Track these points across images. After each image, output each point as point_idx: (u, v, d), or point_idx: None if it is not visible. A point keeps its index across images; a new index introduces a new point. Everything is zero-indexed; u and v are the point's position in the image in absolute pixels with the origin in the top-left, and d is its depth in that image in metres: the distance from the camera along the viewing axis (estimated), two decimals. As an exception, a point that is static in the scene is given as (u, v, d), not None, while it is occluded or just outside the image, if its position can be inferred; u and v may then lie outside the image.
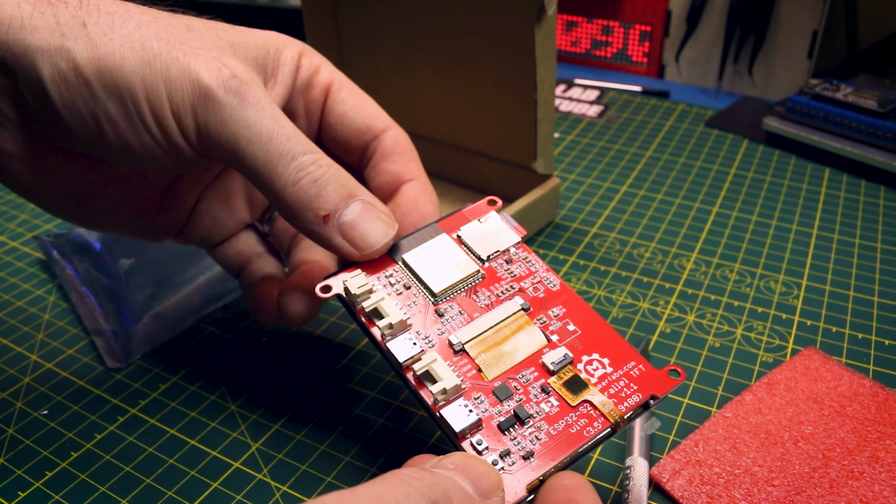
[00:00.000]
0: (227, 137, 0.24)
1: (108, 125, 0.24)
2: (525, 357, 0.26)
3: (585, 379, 0.25)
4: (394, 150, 0.30)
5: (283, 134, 0.25)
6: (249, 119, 0.24)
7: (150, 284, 0.39)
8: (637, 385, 0.25)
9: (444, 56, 0.47)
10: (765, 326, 0.39)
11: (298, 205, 0.25)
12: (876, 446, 0.31)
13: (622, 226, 0.48)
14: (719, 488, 0.29)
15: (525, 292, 0.28)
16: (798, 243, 0.46)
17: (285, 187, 0.25)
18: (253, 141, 0.24)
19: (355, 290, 0.26)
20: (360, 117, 0.30)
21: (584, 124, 0.62)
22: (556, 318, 0.27)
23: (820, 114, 0.53)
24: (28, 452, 0.32)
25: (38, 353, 0.38)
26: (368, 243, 0.26)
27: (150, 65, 0.24)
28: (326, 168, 0.26)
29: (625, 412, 0.24)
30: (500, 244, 0.29)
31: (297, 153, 0.25)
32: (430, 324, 0.26)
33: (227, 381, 0.36)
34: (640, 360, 0.26)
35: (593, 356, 0.26)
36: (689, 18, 0.66)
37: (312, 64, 0.30)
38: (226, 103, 0.24)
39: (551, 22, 0.40)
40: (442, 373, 0.24)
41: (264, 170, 0.25)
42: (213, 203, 0.32)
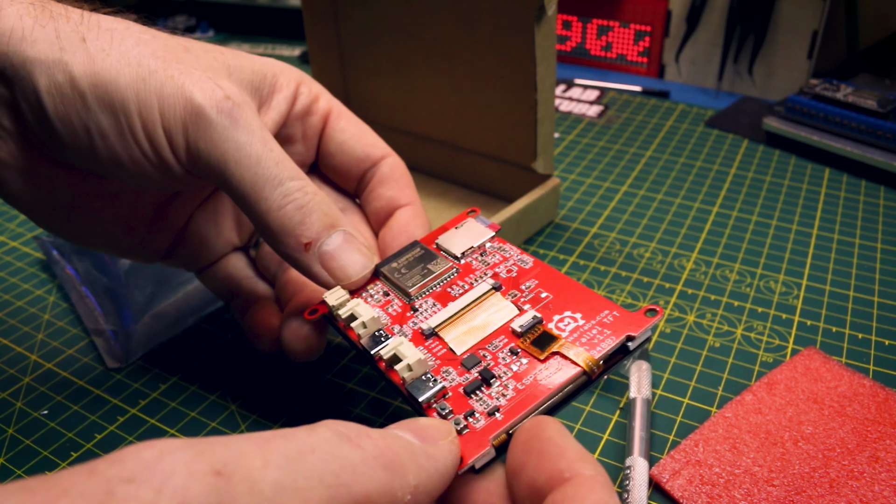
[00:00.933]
0: (217, 157, 0.25)
1: (99, 138, 0.24)
2: (495, 329, 0.25)
3: (556, 334, 0.24)
4: (391, 176, 0.31)
5: (271, 158, 0.25)
6: (239, 141, 0.25)
7: (150, 284, 0.39)
8: (611, 329, 0.24)
9: (444, 56, 0.47)
10: (765, 326, 0.39)
11: (282, 230, 0.26)
12: (876, 446, 0.31)
13: (622, 226, 0.48)
14: (719, 488, 0.29)
15: (498, 275, 0.28)
16: (798, 243, 0.46)
17: (270, 211, 0.25)
18: (241, 163, 0.25)
19: (333, 302, 0.26)
20: (360, 146, 0.31)
21: (584, 124, 0.62)
22: (528, 290, 0.27)
23: (820, 114, 0.53)
24: (28, 452, 0.32)
25: (38, 353, 0.38)
26: (346, 274, 0.27)
27: (145, 81, 0.24)
28: (312, 196, 0.26)
29: (598, 356, 0.23)
30: (475, 240, 0.29)
31: (284, 178, 0.25)
32: (404, 320, 0.27)
33: (228, 381, 0.36)
34: (614, 308, 0.25)
35: (565, 314, 0.25)
36: (689, 18, 0.66)
37: (312, 91, 0.30)
38: (217, 123, 0.24)
39: (551, 22, 0.40)
40: (407, 352, 0.24)
41: (251, 192, 0.25)
42: (201, 225, 0.32)
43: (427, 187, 0.52)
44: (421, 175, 0.54)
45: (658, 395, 0.35)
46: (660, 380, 0.36)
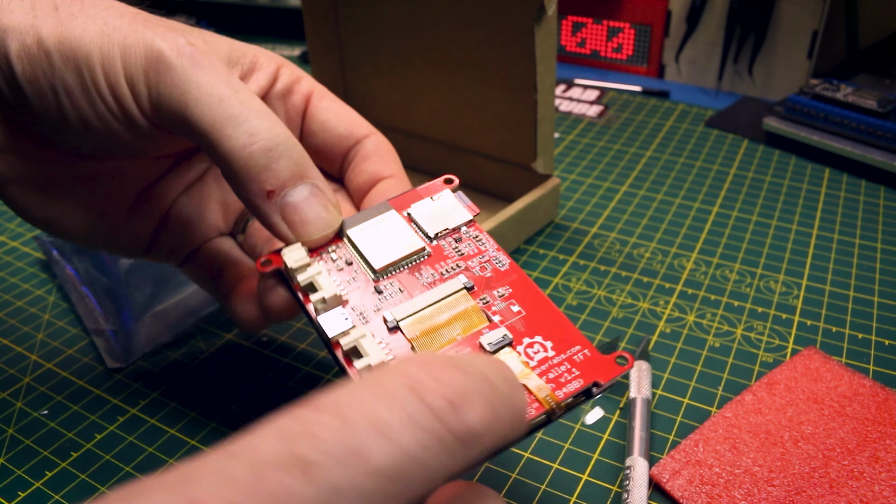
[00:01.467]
0: (177, 100, 0.24)
1: (65, 97, 0.24)
2: (463, 337, 0.24)
3: (523, 362, 0.23)
4: (374, 152, 0.30)
5: (236, 98, 0.24)
6: (200, 80, 0.24)
7: (151, 284, 0.39)
8: (579, 371, 0.23)
9: (444, 56, 0.47)
10: (765, 326, 0.39)
11: (244, 173, 0.24)
12: (876, 446, 0.31)
13: (622, 226, 0.48)
14: (719, 488, 0.29)
15: (471, 271, 0.26)
16: (798, 243, 0.46)
17: (233, 151, 0.24)
18: (202, 101, 0.23)
19: (292, 263, 0.25)
20: (343, 124, 0.30)
21: (584, 124, 0.62)
22: (500, 298, 0.25)
23: (820, 114, 0.53)
24: (28, 452, 0.32)
25: (38, 353, 0.38)
26: (307, 230, 0.25)
27: (109, 36, 0.24)
28: (283, 140, 0.24)
29: (562, 398, 0.22)
30: (450, 222, 0.27)
31: (249, 116, 0.24)
32: (367, 300, 0.25)
33: (228, 381, 0.36)
34: (586, 345, 0.24)
35: (535, 339, 0.24)
36: (689, 18, 0.66)
37: (293, 73, 0.29)
38: (177, 66, 0.24)
39: (551, 22, 0.40)
40: (369, 349, 0.23)
41: (212, 130, 0.24)
42: (185, 208, 0.31)
43: (427, 187, 0.52)
44: (421, 175, 0.54)
45: (658, 395, 0.35)
46: (660, 380, 0.36)
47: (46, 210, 0.28)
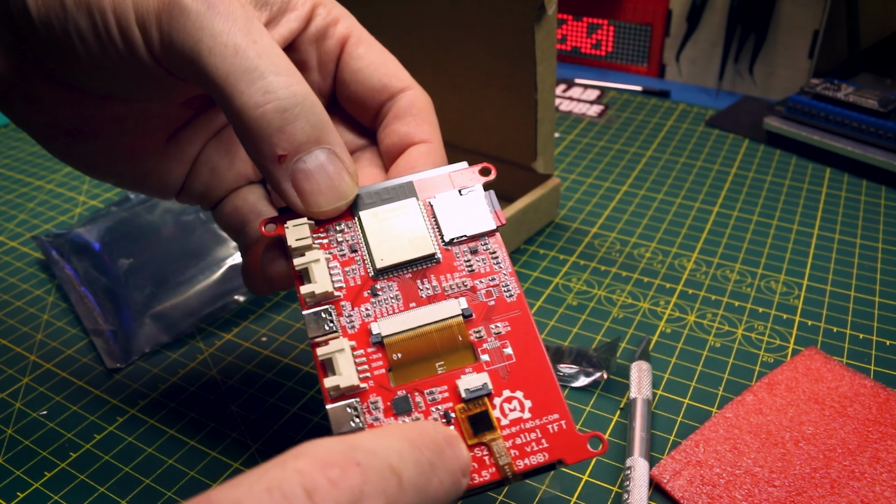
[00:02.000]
0: (190, 47, 0.22)
1: (78, 41, 0.23)
2: (443, 371, 0.23)
3: (495, 419, 0.22)
4: (408, 111, 0.27)
5: (253, 49, 0.22)
6: (215, 28, 0.22)
7: (150, 284, 0.39)
8: (549, 443, 0.22)
9: (444, 56, 0.47)
10: (765, 326, 0.39)
11: (257, 133, 0.22)
12: (877, 447, 0.31)
13: (622, 226, 0.48)
14: (720, 489, 0.29)
15: (476, 294, 0.24)
16: (799, 243, 0.45)
17: (245, 109, 0.22)
18: (216, 52, 0.22)
19: (291, 241, 0.23)
20: (377, 75, 0.27)
21: (585, 124, 0.62)
22: (495, 336, 0.23)
23: (821, 113, 0.53)
24: (27, 453, 0.32)
25: (37, 354, 0.38)
26: (317, 202, 0.24)
27: None
28: (301, 99, 0.22)
29: (522, 469, 0.21)
30: (471, 228, 0.25)
31: (266, 72, 0.22)
32: (358, 301, 0.24)
33: (227, 381, 0.36)
34: (564, 416, 0.22)
35: (516, 393, 0.23)
36: (690, 18, 0.66)
37: (330, 14, 0.27)
38: (191, 10, 0.22)
39: (551, 21, 0.40)
40: (343, 367, 0.22)
41: (225, 85, 0.22)
42: (213, 154, 0.30)
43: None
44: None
45: (658, 396, 0.35)
46: (660, 380, 0.35)
47: (78, 151, 0.28)
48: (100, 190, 0.53)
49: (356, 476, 0.17)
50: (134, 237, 0.42)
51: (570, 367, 0.35)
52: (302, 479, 0.16)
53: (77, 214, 0.50)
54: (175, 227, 0.43)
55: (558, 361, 0.36)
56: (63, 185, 0.54)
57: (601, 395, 0.35)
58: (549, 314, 0.40)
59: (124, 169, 0.29)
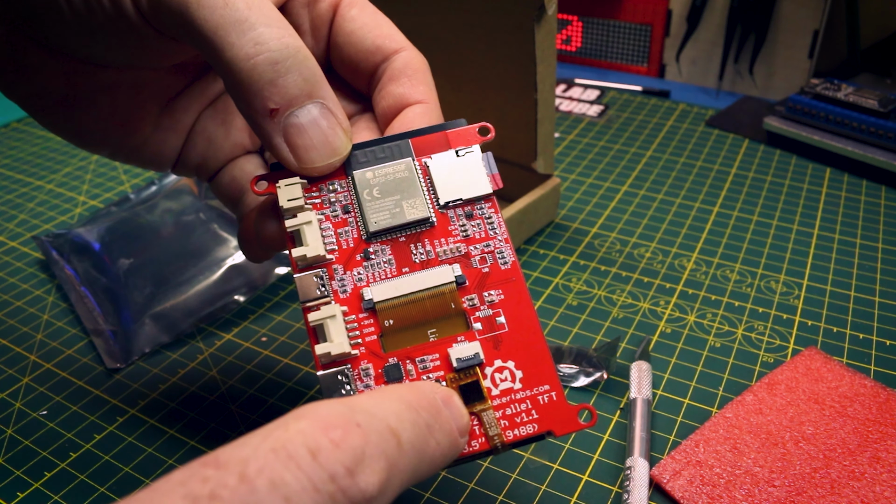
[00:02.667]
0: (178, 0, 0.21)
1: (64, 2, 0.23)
2: (435, 339, 0.22)
3: (486, 389, 0.22)
4: (403, 71, 0.26)
5: (243, 1, 0.21)
6: None
7: (150, 284, 0.39)
8: (539, 415, 0.22)
9: (443, 56, 0.47)
10: (765, 326, 0.39)
11: (247, 86, 0.22)
12: (877, 447, 0.31)
13: (622, 226, 0.48)
14: (720, 489, 0.29)
15: (470, 260, 0.24)
16: (799, 243, 0.45)
17: (236, 60, 0.21)
18: (204, 3, 0.21)
19: (284, 202, 0.23)
20: (371, 36, 0.27)
21: (585, 124, 0.62)
22: (488, 304, 0.23)
23: (821, 113, 0.53)
24: (27, 453, 0.32)
25: (37, 354, 0.38)
26: (310, 157, 0.23)
27: None
28: (293, 52, 0.22)
29: (511, 440, 0.21)
30: (467, 191, 0.24)
31: (256, 23, 0.21)
32: (351, 265, 0.23)
33: (227, 381, 0.36)
34: (555, 387, 0.22)
35: (508, 363, 0.22)
36: (690, 18, 0.66)
37: None
38: None
39: (551, 21, 0.40)
40: (334, 334, 0.22)
41: (214, 36, 0.21)
42: (209, 123, 0.29)
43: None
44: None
45: (658, 396, 0.35)
46: (660, 380, 0.35)
47: (70, 122, 0.27)
48: (100, 190, 0.53)
49: (357, 437, 0.17)
50: (134, 237, 0.42)
51: (570, 367, 0.35)
52: (305, 439, 0.16)
53: (77, 214, 0.50)
54: (175, 227, 0.43)
55: (558, 361, 0.36)
56: (63, 185, 0.54)
57: (601, 395, 0.35)
58: (549, 314, 0.40)
59: (118, 139, 0.28)
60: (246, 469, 0.16)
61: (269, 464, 0.16)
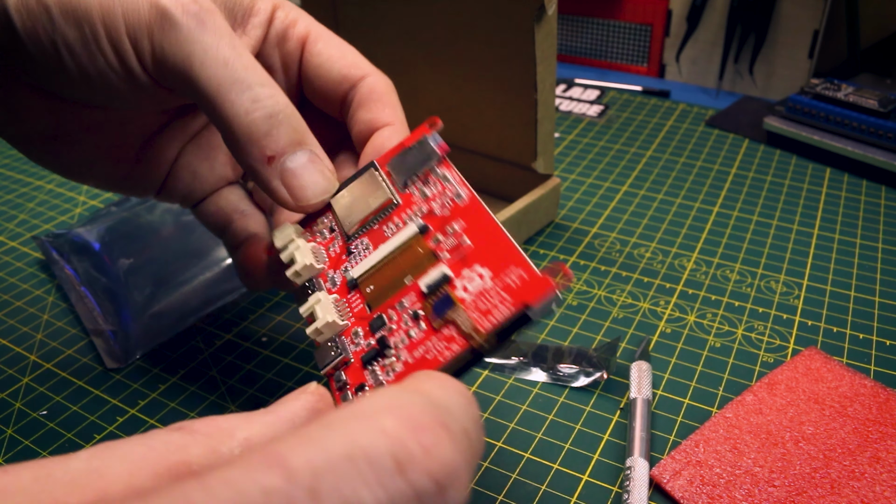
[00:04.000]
0: (182, 59, 0.24)
1: (66, 52, 0.24)
2: (412, 282, 0.23)
3: (457, 297, 0.22)
4: (369, 97, 0.28)
5: (240, 62, 0.24)
6: (206, 42, 0.24)
7: (150, 284, 0.39)
8: (511, 295, 0.21)
9: (444, 56, 0.47)
10: (765, 326, 0.39)
11: (247, 138, 0.24)
12: (877, 447, 0.31)
13: (622, 226, 0.48)
14: (720, 489, 0.29)
15: (433, 211, 0.25)
16: (799, 243, 0.45)
17: (236, 116, 0.24)
18: (207, 64, 0.24)
19: (279, 243, 0.26)
20: (337, 67, 0.29)
21: (585, 124, 0.62)
22: (452, 234, 0.24)
23: (821, 113, 0.53)
24: (27, 453, 0.32)
25: (37, 354, 0.38)
26: (305, 195, 0.26)
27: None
28: (283, 107, 0.25)
29: (488, 328, 0.20)
30: (421, 167, 0.26)
31: (253, 83, 0.24)
32: (338, 264, 0.25)
33: (227, 381, 0.36)
34: (524, 265, 0.21)
35: (474, 268, 0.22)
36: (690, 18, 0.66)
37: (288, 17, 0.29)
38: (182, 24, 0.24)
39: (551, 21, 0.40)
40: (320, 312, 0.23)
41: (216, 95, 0.24)
42: (193, 158, 0.31)
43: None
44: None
45: (658, 396, 0.35)
46: (660, 380, 0.35)
47: (58, 159, 0.29)
48: (100, 190, 0.53)
49: (447, 443, 0.15)
50: (134, 237, 0.42)
51: (570, 367, 0.35)
52: (391, 444, 0.14)
53: (77, 214, 0.51)
54: (175, 227, 0.43)
55: (558, 361, 0.36)
56: (63, 185, 0.54)
57: (601, 395, 0.35)
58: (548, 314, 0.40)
59: (102, 172, 0.30)
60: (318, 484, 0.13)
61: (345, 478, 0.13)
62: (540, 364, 0.36)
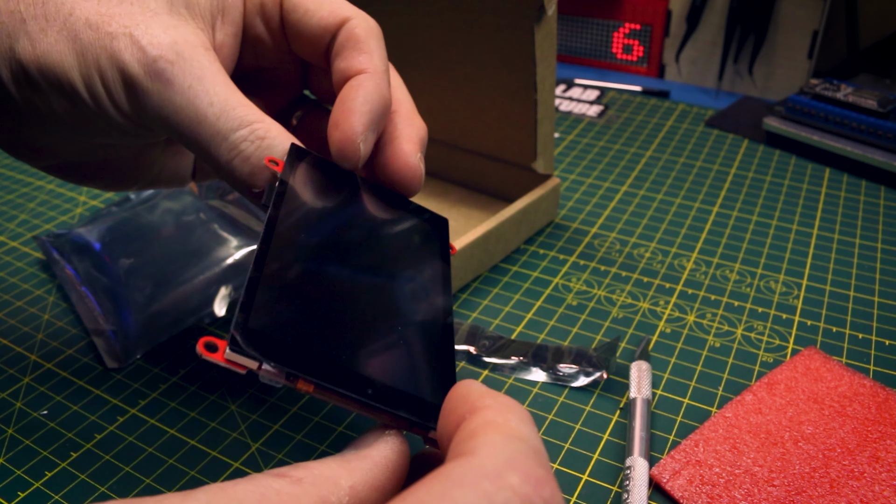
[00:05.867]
0: (162, 119, 0.25)
1: (63, 113, 0.26)
2: None
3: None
4: (345, 44, 0.27)
5: (211, 114, 0.25)
6: (176, 104, 0.24)
7: (150, 284, 0.39)
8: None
9: (444, 56, 0.47)
10: (765, 326, 0.39)
11: (231, 179, 0.26)
12: (876, 446, 0.31)
13: (622, 226, 0.48)
14: (719, 488, 0.29)
15: None
16: (798, 243, 0.46)
17: (220, 167, 0.26)
18: (183, 124, 0.25)
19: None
20: (315, 19, 0.28)
21: (584, 124, 0.62)
22: None
23: (820, 114, 0.53)
24: (28, 452, 0.32)
25: (37, 353, 0.38)
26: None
27: (84, 56, 0.24)
28: (259, 143, 0.25)
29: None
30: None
31: (227, 132, 0.25)
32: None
33: (227, 381, 0.36)
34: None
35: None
36: (690, 18, 0.66)
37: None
38: (152, 91, 0.24)
39: (551, 22, 0.40)
40: None
41: (197, 148, 0.25)
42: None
43: (427, 187, 0.52)
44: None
45: (658, 395, 0.35)
46: (660, 380, 0.36)
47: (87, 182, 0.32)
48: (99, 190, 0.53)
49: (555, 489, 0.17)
50: (134, 237, 0.42)
51: (570, 367, 0.35)
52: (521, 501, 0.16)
53: (77, 214, 0.51)
54: (175, 227, 0.43)
55: (558, 361, 0.36)
56: (64, 185, 0.54)
57: (601, 394, 0.35)
58: (549, 314, 0.40)
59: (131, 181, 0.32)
60: None
61: None
62: (540, 364, 0.36)
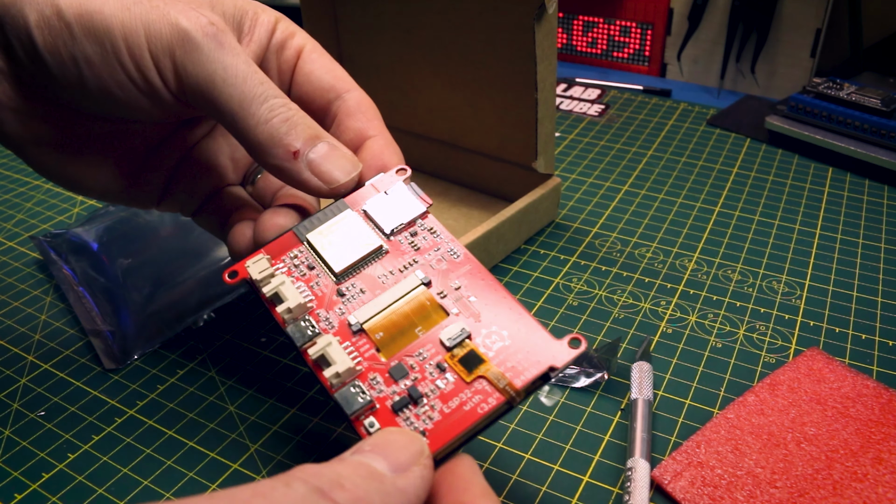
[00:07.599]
0: (205, 77, 0.26)
1: (86, 67, 0.26)
2: (424, 334, 0.25)
3: (482, 354, 0.24)
4: (357, 109, 0.31)
5: (256, 77, 0.27)
6: (226, 61, 0.26)
7: (148, 285, 0.39)
8: (536, 357, 0.24)
9: (443, 55, 0.46)
10: (767, 327, 0.38)
11: (270, 141, 0.27)
12: (879, 447, 0.30)
13: (623, 225, 0.47)
14: (721, 490, 0.29)
15: (428, 265, 0.27)
16: (801, 243, 0.45)
17: (258, 125, 0.26)
18: (229, 81, 0.26)
19: (256, 275, 0.26)
20: (328, 76, 0.31)
21: (585, 123, 0.61)
22: (455, 289, 0.26)
23: (823, 113, 0.53)
24: (25, 454, 0.32)
25: (34, 354, 0.38)
26: (335, 177, 0.28)
27: (129, 10, 0.25)
28: (296, 111, 0.27)
29: (520, 386, 0.23)
30: (405, 216, 0.28)
31: (269, 95, 0.27)
32: (330, 305, 0.26)
33: (226, 381, 0.36)
34: (540, 332, 0.24)
35: (492, 328, 0.25)
36: (691, 16, 0.66)
37: (288, 28, 0.31)
38: (204, 46, 0.26)
39: (552, 20, 0.40)
40: (336, 356, 0.24)
41: (238, 109, 0.26)
42: (195, 162, 0.33)
43: (427, 187, 0.52)
44: (421, 175, 0.53)
45: (660, 396, 0.34)
46: (661, 381, 0.35)
47: (64, 169, 0.30)
48: (99, 190, 0.53)
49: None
50: (132, 237, 0.42)
51: (571, 368, 0.35)
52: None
53: (75, 214, 0.50)
54: (174, 227, 0.43)
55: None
56: (62, 184, 0.54)
57: (602, 395, 0.35)
58: (549, 314, 0.40)
59: (102, 184, 0.32)
60: None
61: None
62: (540, 364, 0.36)
